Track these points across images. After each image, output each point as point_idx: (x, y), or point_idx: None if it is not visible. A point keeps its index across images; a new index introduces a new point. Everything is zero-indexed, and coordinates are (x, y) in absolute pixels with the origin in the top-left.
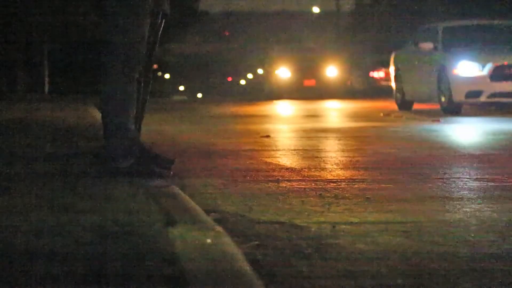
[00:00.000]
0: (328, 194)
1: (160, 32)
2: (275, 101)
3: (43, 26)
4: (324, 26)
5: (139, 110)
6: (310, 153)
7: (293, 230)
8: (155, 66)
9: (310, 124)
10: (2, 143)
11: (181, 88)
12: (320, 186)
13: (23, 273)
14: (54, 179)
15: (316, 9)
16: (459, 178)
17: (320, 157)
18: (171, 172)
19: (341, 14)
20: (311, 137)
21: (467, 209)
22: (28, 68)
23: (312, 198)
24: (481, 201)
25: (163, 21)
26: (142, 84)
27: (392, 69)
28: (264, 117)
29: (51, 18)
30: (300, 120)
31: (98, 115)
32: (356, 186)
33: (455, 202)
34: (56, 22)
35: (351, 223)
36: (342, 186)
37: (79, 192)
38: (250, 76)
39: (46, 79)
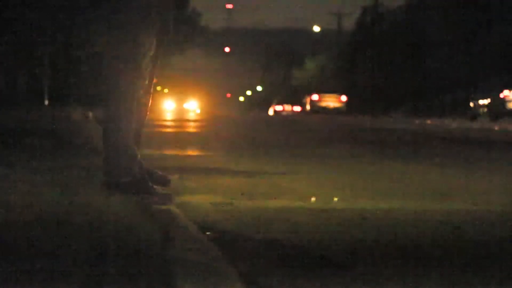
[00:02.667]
0: (325, 215)
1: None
2: None
3: (47, 36)
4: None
5: (139, 126)
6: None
7: (292, 250)
8: (154, 80)
9: None
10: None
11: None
12: (317, 206)
13: None
14: (51, 192)
15: (317, 28)
16: None
17: (318, 178)
18: (169, 190)
19: (342, 34)
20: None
21: None
22: (29, 77)
23: (307, 218)
24: None
25: (166, 37)
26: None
27: None
28: None
29: (55, 29)
30: None
31: (97, 128)
32: (350, 207)
33: None
34: (60, 33)
35: (343, 244)
36: (336, 207)
37: (75, 207)
38: (249, 93)
39: (46, 90)
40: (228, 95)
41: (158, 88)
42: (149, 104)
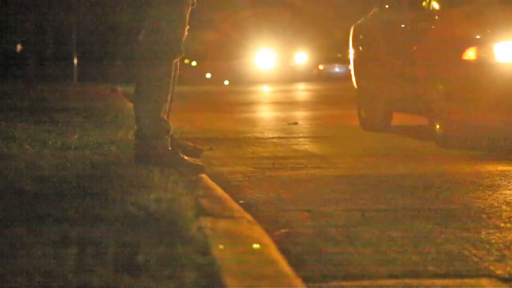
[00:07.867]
0: (357, 181)
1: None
2: None
3: (73, 14)
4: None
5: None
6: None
7: (323, 218)
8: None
9: None
10: (33, 130)
11: (208, 75)
12: (348, 173)
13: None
14: (85, 166)
15: None
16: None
17: (347, 144)
18: (201, 161)
19: None
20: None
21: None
22: (58, 55)
23: (340, 186)
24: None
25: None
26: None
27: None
28: None
29: (81, 5)
30: None
31: (127, 103)
32: (384, 173)
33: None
34: (86, 8)
35: (381, 210)
36: (370, 173)
37: (109, 180)
38: None
39: (75, 66)
40: None
41: (186, 61)
42: (176, 78)
